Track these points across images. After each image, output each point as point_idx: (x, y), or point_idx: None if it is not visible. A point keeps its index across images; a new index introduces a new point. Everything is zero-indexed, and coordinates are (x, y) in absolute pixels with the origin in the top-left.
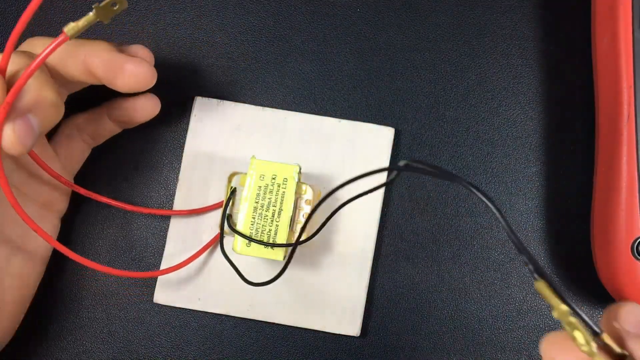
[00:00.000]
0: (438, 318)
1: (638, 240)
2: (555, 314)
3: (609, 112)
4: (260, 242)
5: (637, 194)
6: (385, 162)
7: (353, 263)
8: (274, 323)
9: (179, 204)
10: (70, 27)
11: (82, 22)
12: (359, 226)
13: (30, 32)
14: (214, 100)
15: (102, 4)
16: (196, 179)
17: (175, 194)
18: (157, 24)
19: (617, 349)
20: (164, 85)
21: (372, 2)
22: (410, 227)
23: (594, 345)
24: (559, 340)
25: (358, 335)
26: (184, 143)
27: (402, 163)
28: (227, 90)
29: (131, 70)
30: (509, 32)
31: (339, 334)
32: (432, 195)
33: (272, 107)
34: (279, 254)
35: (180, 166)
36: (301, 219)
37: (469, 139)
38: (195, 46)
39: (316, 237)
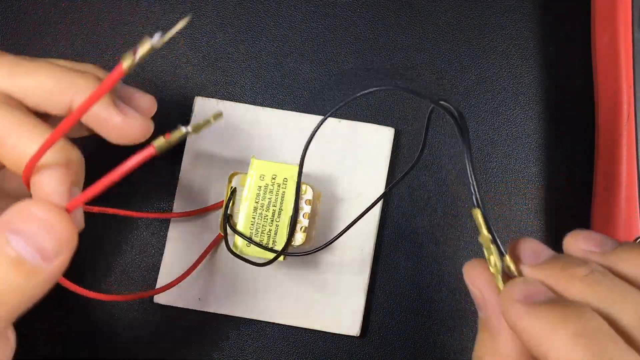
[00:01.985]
0: (438, 318)
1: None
2: (480, 239)
3: (609, 112)
4: (259, 244)
5: (637, 194)
6: (385, 163)
7: (353, 263)
8: (274, 323)
9: (178, 204)
10: (158, 143)
11: (173, 138)
12: (359, 226)
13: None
14: (214, 100)
15: (201, 122)
16: (196, 179)
17: (175, 194)
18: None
19: (515, 272)
20: (164, 85)
21: (372, 2)
22: (410, 227)
23: (499, 267)
24: (477, 264)
25: (358, 335)
26: (184, 143)
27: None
28: (227, 90)
29: (120, 125)
30: (509, 32)
31: (339, 334)
32: (432, 195)
33: (272, 107)
34: (278, 253)
35: (180, 166)
36: (301, 219)
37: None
38: (195, 46)
39: (316, 236)
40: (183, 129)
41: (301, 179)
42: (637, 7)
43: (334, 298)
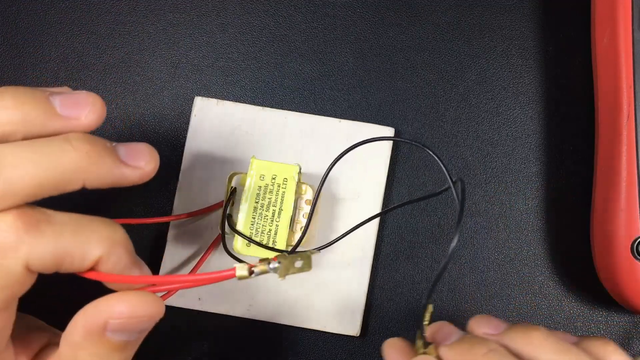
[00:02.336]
0: (438, 318)
1: (638, 240)
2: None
3: (608, 112)
4: (259, 244)
5: (637, 194)
6: (385, 163)
7: (353, 263)
8: (274, 323)
9: (178, 204)
10: (242, 267)
11: (257, 269)
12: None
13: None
14: (214, 100)
15: (289, 257)
16: (196, 179)
17: (175, 194)
18: (157, 24)
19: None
20: (164, 85)
21: (372, 2)
22: (410, 227)
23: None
24: (394, 343)
25: (358, 335)
26: (184, 143)
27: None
28: (227, 90)
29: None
30: (509, 32)
31: (339, 334)
32: None
33: (272, 107)
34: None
35: (180, 166)
36: (301, 219)
37: (469, 139)
38: (195, 46)
39: (316, 236)
40: (268, 268)
41: (320, 190)
42: (637, 7)
43: (334, 298)
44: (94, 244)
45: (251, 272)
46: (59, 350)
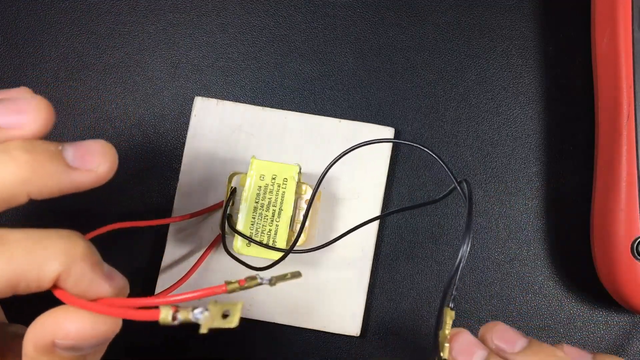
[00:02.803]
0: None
1: (638, 240)
2: (440, 336)
3: (609, 112)
4: (260, 243)
5: (637, 194)
6: (385, 163)
7: (353, 263)
8: (274, 323)
9: (178, 204)
10: (232, 286)
11: (247, 284)
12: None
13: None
14: (214, 100)
15: (278, 275)
16: (196, 179)
17: (175, 194)
18: (157, 24)
19: None
20: (164, 85)
21: (372, 2)
22: (410, 227)
23: None
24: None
25: (358, 335)
26: (184, 143)
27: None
28: (227, 90)
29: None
30: (509, 32)
31: (339, 334)
32: (432, 195)
33: (272, 107)
34: (279, 254)
35: (180, 166)
36: (301, 219)
37: (469, 139)
38: (195, 46)
39: (316, 236)
40: (258, 280)
41: (317, 190)
42: (637, 7)
43: (334, 298)
44: (50, 261)
45: (174, 318)
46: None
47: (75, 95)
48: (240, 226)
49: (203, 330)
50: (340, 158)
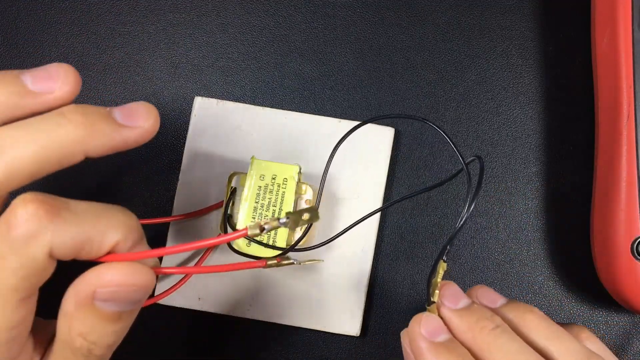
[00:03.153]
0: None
1: (638, 240)
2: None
3: (609, 112)
4: (260, 243)
5: (637, 194)
6: (385, 163)
7: (353, 263)
8: (274, 323)
9: (178, 204)
10: (253, 226)
11: (268, 225)
12: (359, 226)
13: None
14: (214, 100)
15: (296, 212)
16: (196, 179)
17: (175, 194)
18: (157, 24)
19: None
20: (164, 85)
21: (372, 2)
22: (410, 227)
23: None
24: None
25: (358, 335)
26: (184, 143)
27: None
28: (227, 90)
29: None
30: (509, 32)
31: (339, 334)
32: (432, 195)
33: (272, 107)
34: (279, 254)
35: (180, 166)
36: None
37: (469, 139)
38: (195, 46)
39: (316, 236)
40: (278, 223)
41: (323, 185)
42: (637, 7)
43: (334, 298)
44: (112, 230)
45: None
46: (57, 323)
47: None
48: (240, 226)
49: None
50: (337, 147)
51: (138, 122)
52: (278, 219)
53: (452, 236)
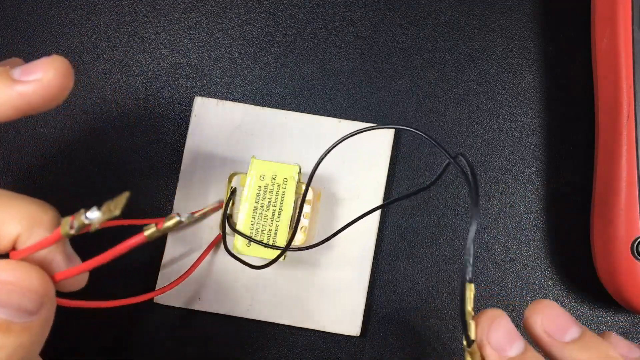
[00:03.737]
0: (438, 318)
1: (638, 240)
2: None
3: (609, 112)
4: (260, 242)
5: (637, 194)
6: (385, 163)
7: (353, 263)
8: (274, 323)
9: (178, 204)
10: (149, 232)
11: (165, 227)
12: (359, 226)
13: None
14: (214, 100)
15: (191, 216)
16: (196, 179)
17: (175, 194)
18: (157, 24)
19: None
20: (164, 85)
21: (372, 2)
22: (410, 227)
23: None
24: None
25: (358, 335)
26: (184, 143)
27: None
28: (227, 90)
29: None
30: (509, 32)
31: (339, 334)
32: (432, 195)
33: (272, 107)
34: (277, 253)
35: (180, 166)
36: (301, 219)
37: (469, 139)
38: (195, 46)
39: (316, 236)
40: (176, 218)
41: (309, 185)
42: (637, 7)
43: (334, 298)
44: (13, 221)
45: (71, 227)
46: None
47: (76, 95)
48: (240, 226)
49: (95, 226)
50: (333, 148)
51: (35, 75)
52: (85, 213)
53: (469, 250)
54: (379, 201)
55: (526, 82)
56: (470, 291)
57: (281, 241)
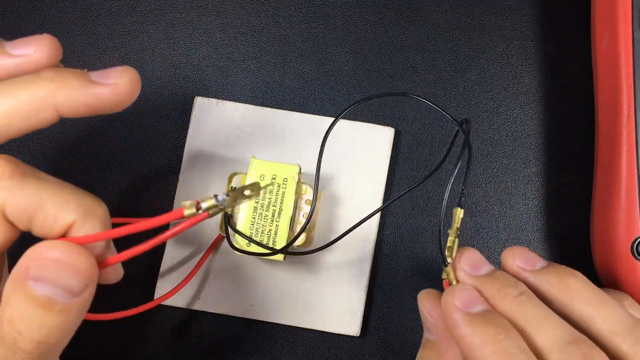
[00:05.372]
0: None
1: (638, 240)
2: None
3: (608, 112)
4: (259, 243)
5: (637, 194)
6: (385, 162)
7: (353, 263)
8: (274, 323)
9: (178, 204)
10: (189, 206)
11: (205, 203)
12: (359, 226)
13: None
14: (214, 100)
15: (237, 189)
16: (196, 179)
17: (175, 194)
18: (157, 24)
19: (453, 280)
20: (164, 85)
21: (372, 2)
22: (410, 227)
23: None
24: (429, 293)
25: (358, 335)
26: (184, 143)
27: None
28: (227, 90)
29: (109, 96)
30: (509, 32)
31: (339, 334)
32: (432, 195)
33: (272, 107)
34: (279, 255)
35: (180, 166)
36: (301, 219)
37: (469, 139)
38: (195, 46)
39: (316, 236)
40: (215, 201)
41: (317, 187)
42: (637, 7)
43: (334, 298)
44: (70, 208)
45: (198, 208)
46: None
47: None
48: (240, 226)
49: (227, 208)
50: (327, 134)
51: (111, 79)
52: (216, 196)
53: (463, 182)
54: (379, 201)
55: (526, 82)
56: (459, 217)
57: (281, 241)
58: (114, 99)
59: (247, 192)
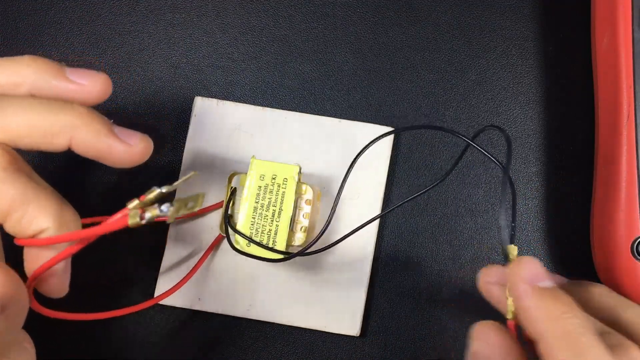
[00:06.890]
0: (438, 318)
1: (638, 240)
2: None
3: (608, 112)
4: (259, 244)
5: (637, 194)
6: (385, 162)
7: (353, 263)
8: (274, 323)
9: None
10: (133, 215)
11: (148, 213)
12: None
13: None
14: (214, 100)
15: (180, 199)
16: (196, 179)
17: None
18: (157, 24)
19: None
20: (164, 85)
21: (372, 2)
22: (410, 227)
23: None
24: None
25: (358, 335)
26: (184, 143)
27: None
28: (227, 90)
29: (123, 154)
30: (509, 32)
31: (339, 334)
32: (432, 195)
33: (272, 107)
34: (279, 255)
35: (180, 166)
36: (301, 219)
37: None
38: (195, 46)
39: (316, 237)
40: (159, 211)
41: (340, 192)
42: (637, 7)
43: (334, 298)
44: (49, 215)
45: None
46: None
47: None
48: (240, 226)
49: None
50: (360, 155)
51: (131, 140)
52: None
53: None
54: (379, 201)
55: (526, 82)
56: (514, 250)
57: (281, 241)
58: (124, 158)
59: (190, 205)
